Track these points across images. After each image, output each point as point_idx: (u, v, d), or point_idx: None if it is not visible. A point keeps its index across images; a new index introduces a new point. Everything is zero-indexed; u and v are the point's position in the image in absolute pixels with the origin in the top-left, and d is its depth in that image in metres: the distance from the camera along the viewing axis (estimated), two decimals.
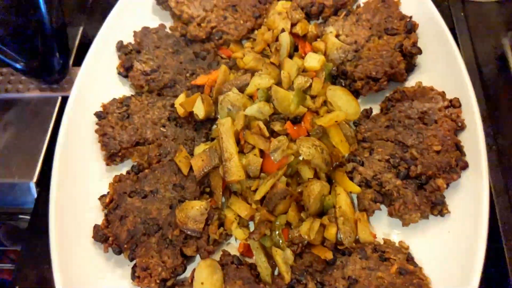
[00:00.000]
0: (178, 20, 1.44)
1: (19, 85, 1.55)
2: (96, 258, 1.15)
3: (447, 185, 1.14)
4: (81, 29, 1.66)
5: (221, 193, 1.19)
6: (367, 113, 1.30)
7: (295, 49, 1.39)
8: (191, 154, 1.25)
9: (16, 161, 1.42)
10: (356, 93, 1.32)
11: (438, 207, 1.12)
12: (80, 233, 1.16)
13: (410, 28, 1.32)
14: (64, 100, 1.50)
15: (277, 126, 1.24)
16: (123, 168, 1.28)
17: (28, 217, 1.44)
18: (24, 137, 1.46)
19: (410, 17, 1.34)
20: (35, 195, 1.38)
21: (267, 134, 1.21)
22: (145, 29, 1.42)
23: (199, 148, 1.24)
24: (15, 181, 1.39)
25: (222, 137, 1.19)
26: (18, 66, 1.41)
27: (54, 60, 1.43)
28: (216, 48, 1.42)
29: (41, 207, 1.34)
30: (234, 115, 1.24)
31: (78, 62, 1.55)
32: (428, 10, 1.35)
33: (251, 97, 1.28)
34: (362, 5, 1.43)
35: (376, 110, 1.32)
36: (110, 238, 1.13)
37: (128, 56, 1.37)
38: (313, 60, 1.31)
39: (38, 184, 1.39)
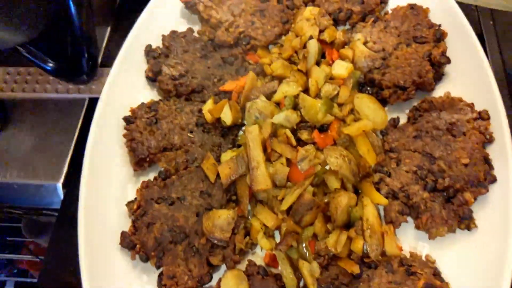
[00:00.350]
0: (206, 24, 1.41)
1: (47, 85, 1.53)
2: (123, 264, 1.14)
3: (475, 199, 1.11)
4: (108, 29, 1.63)
5: (247, 201, 1.17)
6: (394, 123, 1.27)
7: (322, 55, 1.36)
8: (218, 160, 1.22)
9: (43, 162, 1.40)
10: (383, 101, 1.28)
11: (465, 222, 1.09)
12: (108, 239, 1.15)
13: (439, 37, 1.28)
14: (92, 101, 1.49)
15: (304, 135, 1.21)
16: (150, 173, 1.26)
17: (50, 212, 1.43)
18: (51, 138, 1.44)
19: (439, 26, 1.30)
20: (62, 197, 1.37)
21: (294, 143, 1.18)
22: (174, 33, 1.40)
23: (226, 155, 1.22)
24: (42, 182, 1.38)
25: (249, 145, 1.16)
26: (46, 67, 1.39)
27: (83, 62, 1.41)
28: (244, 53, 1.39)
29: (68, 209, 1.33)
30: (262, 122, 1.21)
31: (106, 62, 1.54)
32: (457, 19, 1.31)
33: (278, 104, 1.26)
34: (390, 11, 1.39)
35: (403, 119, 1.29)
36: (137, 245, 1.11)
37: (156, 61, 1.34)
38: (341, 68, 1.28)
39: (64, 185, 1.37)
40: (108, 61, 1.37)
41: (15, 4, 1.16)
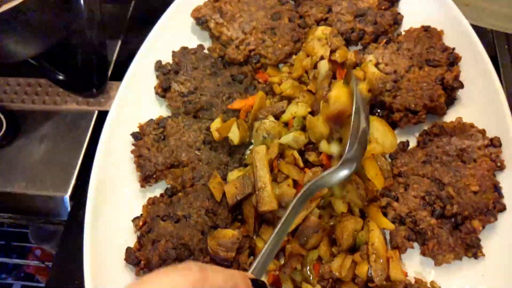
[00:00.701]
0: (216, 41, 1.46)
1: (56, 97, 1.59)
2: (127, 280, 1.18)
3: (483, 227, 1.13)
4: (119, 43, 1.68)
5: (253, 222, 1.20)
6: (403, 146, 1.29)
7: (333, 76, 1.38)
8: (224, 179, 1.26)
9: (51, 173, 1.46)
10: (393, 124, 1.31)
11: (472, 250, 1.11)
12: (113, 254, 1.19)
13: (453, 60, 1.30)
14: (101, 114, 1.53)
15: (312, 157, 1.24)
16: (157, 190, 1.30)
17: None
18: (59, 150, 1.50)
19: (453, 49, 1.33)
20: (69, 209, 1.41)
21: (301, 164, 1.22)
22: (184, 49, 1.44)
23: (233, 175, 1.25)
24: (50, 194, 1.42)
25: (256, 165, 1.20)
26: (57, 79, 1.44)
27: (93, 75, 1.46)
28: (254, 71, 1.42)
29: (74, 221, 1.38)
30: (269, 143, 1.25)
31: (116, 76, 1.58)
32: (472, 43, 1.32)
33: (286, 125, 1.29)
34: (403, 33, 1.42)
35: (412, 142, 1.31)
36: (142, 262, 1.15)
37: (166, 77, 1.39)
38: None
39: (72, 197, 1.42)
40: (118, 75, 1.41)
41: (29, 18, 1.21)
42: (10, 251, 2.46)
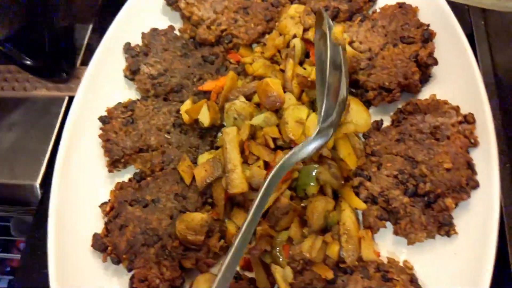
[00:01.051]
0: (187, 21, 1.45)
1: (26, 83, 1.58)
2: (94, 267, 1.18)
3: (456, 204, 1.13)
4: (90, 27, 1.68)
5: (223, 205, 1.20)
6: (377, 125, 1.30)
7: (306, 55, 1.39)
8: (195, 162, 1.26)
9: (21, 161, 1.46)
10: (367, 103, 1.31)
11: (445, 228, 1.12)
12: (79, 240, 1.19)
13: (427, 37, 1.31)
14: (71, 100, 1.52)
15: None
16: (125, 175, 1.31)
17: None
18: (29, 137, 1.50)
19: (428, 26, 1.33)
20: (39, 197, 1.41)
21: (272, 145, 1.22)
22: (154, 30, 1.44)
23: (203, 157, 1.26)
24: (19, 182, 1.43)
25: (226, 147, 1.20)
26: (25, 65, 1.44)
27: (62, 60, 1.46)
28: (225, 52, 1.42)
29: (44, 209, 1.37)
30: (240, 124, 1.25)
31: (87, 61, 1.58)
32: (447, 19, 1.32)
33: (258, 105, 1.29)
34: (378, 10, 1.42)
35: (387, 121, 1.31)
36: (109, 248, 1.16)
37: (135, 59, 1.38)
38: None
39: (42, 185, 1.42)
40: (89, 60, 1.41)
41: None
42: None
